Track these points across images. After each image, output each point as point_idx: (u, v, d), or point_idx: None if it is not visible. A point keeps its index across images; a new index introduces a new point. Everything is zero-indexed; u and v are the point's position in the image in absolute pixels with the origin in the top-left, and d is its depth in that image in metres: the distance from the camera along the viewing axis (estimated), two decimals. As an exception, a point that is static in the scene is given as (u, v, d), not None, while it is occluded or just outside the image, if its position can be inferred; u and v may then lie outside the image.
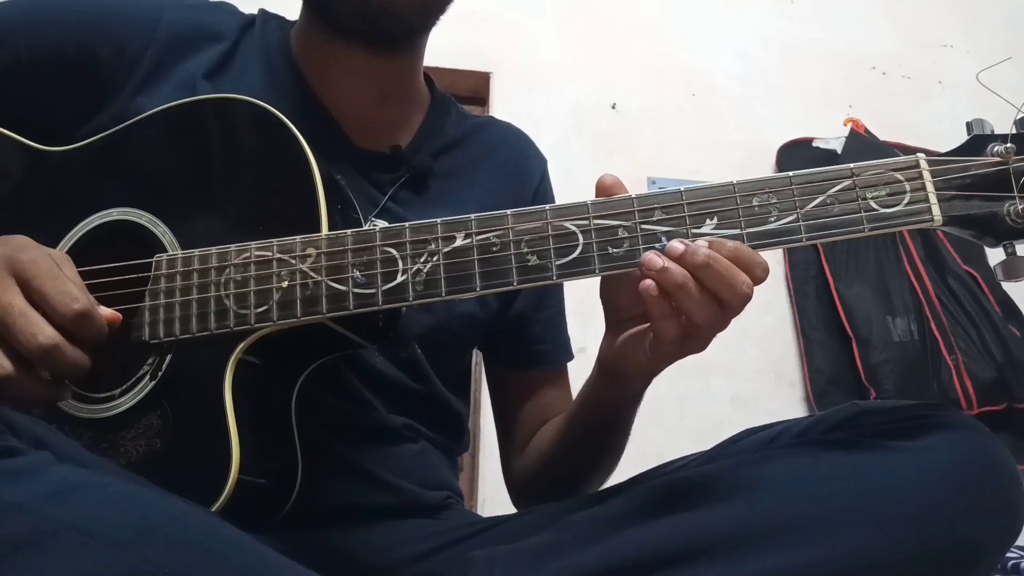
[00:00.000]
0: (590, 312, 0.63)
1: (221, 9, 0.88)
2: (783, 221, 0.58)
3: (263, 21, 0.88)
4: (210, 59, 0.81)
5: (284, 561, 0.49)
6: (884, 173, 0.59)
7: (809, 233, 0.58)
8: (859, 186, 0.58)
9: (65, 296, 0.58)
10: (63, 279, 0.59)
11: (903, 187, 0.58)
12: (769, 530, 0.55)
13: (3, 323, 0.57)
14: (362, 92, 0.84)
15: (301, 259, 0.63)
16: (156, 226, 0.68)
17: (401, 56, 0.85)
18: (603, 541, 0.59)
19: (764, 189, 0.59)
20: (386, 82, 0.85)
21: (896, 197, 0.58)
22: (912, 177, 0.59)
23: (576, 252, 0.61)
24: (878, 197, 0.58)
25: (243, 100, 0.69)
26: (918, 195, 0.58)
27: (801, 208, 0.58)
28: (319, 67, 0.83)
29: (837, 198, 0.58)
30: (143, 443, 0.63)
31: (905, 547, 0.54)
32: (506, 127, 1.02)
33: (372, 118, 0.85)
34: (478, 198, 0.86)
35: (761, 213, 0.59)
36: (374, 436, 0.80)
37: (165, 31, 0.80)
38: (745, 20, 2.76)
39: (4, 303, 0.57)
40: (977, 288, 2.36)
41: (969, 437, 0.58)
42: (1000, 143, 0.58)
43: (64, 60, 0.78)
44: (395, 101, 0.87)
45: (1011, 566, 1.29)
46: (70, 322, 0.58)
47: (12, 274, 0.58)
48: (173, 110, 0.71)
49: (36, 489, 0.45)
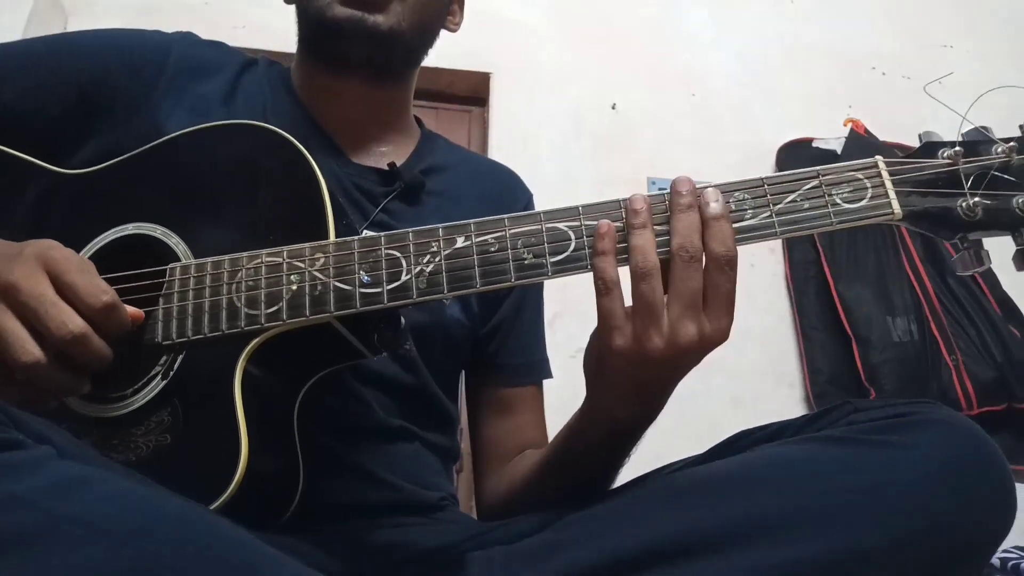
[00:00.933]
0: (590, 312, 0.63)
1: (222, 47, 0.95)
2: (758, 217, 0.64)
3: (266, 63, 0.95)
4: (219, 87, 0.88)
5: (283, 558, 0.50)
6: (846, 173, 0.65)
7: (782, 228, 0.64)
8: (825, 184, 0.64)
9: (95, 287, 0.61)
10: (93, 273, 0.63)
11: (864, 184, 0.64)
12: (766, 526, 0.56)
13: (36, 312, 0.59)
14: (358, 118, 0.92)
15: (311, 263, 0.66)
16: (170, 238, 0.71)
17: (393, 87, 0.93)
18: (601, 539, 0.60)
19: (739, 188, 0.65)
20: (380, 111, 0.93)
21: (859, 193, 0.64)
22: (871, 175, 0.65)
23: (569, 250, 0.64)
24: (842, 194, 0.64)
25: (254, 124, 0.74)
26: (878, 191, 0.64)
27: (774, 205, 0.64)
28: (318, 97, 0.91)
29: (806, 196, 0.64)
30: (153, 439, 0.64)
31: (899, 541, 0.55)
32: (493, 162, 1.10)
33: (368, 141, 0.92)
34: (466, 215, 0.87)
35: (738, 210, 0.64)
36: (371, 436, 0.81)
37: (175, 61, 0.87)
38: (745, 20, 2.76)
39: (37, 293, 0.59)
40: (977, 288, 2.36)
41: (961, 433, 0.60)
42: (949, 148, 0.65)
43: (82, 88, 0.83)
44: (388, 127, 0.95)
45: (1011, 566, 1.29)
46: (98, 312, 0.61)
47: (44, 269, 0.61)
48: (188, 135, 0.76)
49: (37, 483, 0.46)
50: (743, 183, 0.65)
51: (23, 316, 0.59)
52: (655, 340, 0.60)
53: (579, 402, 0.72)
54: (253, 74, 0.92)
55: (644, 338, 0.60)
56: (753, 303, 2.38)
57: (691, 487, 0.62)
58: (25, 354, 0.58)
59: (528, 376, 0.97)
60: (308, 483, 0.69)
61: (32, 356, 0.58)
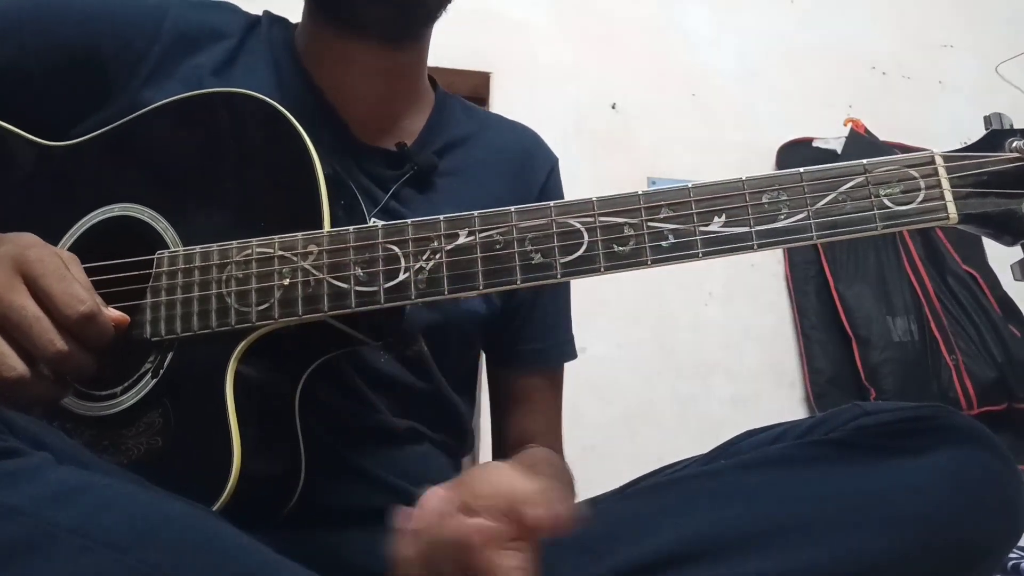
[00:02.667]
0: (590, 312, 0.62)
1: (225, 8, 0.88)
2: (793, 219, 0.57)
3: (268, 22, 0.87)
4: (216, 56, 0.81)
5: (285, 562, 0.49)
6: (898, 170, 0.57)
7: (820, 231, 0.56)
8: (872, 183, 0.57)
9: (71, 298, 0.58)
10: (70, 280, 0.59)
11: (918, 184, 0.57)
12: (771, 531, 0.55)
13: (18, 327, 0.57)
14: (369, 89, 0.83)
15: (303, 256, 0.63)
16: (157, 222, 0.68)
17: (410, 49, 0.85)
18: (603, 545, 0.59)
19: (774, 185, 0.58)
20: (394, 78, 0.85)
21: (910, 195, 0.57)
22: (927, 174, 0.57)
23: (581, 250, 0.60)
24: (892, 195, 0.57)
25: (245, 94, 0.69)
26: (933, 192, 0.56)
27: (812, 205, 0.57)
28: (325, 65, 0.83)
29: (849, 195, 0.57)
30: (144, 441, 0.62)
31: (905, 548, 0.54)
32: (513, 125, 1.00)
33: (378, 115, 0.84)
34: (481, 197, 0.85)
35: (771, 211, 0.57)
36: (378, 438, 0.79)
37: (170, 28, 0.80)
38: (745, 20, 2.76)
39: (17, 305, 0.57)
40: (977, 288, 2.36)
41: (970, 439, 0.58)
42: (1019, 138, 0.57)
43: (70, 56, 0.78)
44: (401, 98, 0.87)
45: (1011, 567, 1.28)
46: (75, 324, 0.58)
47: (20, 274, 0.58)
48: (176, 104, 0.71)
49: (36, 491, 0.45)
50: (779, 177, 0.58)
51: (2, 328, 0.57)
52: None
53: (579, 402, 0.72)
54: (255, 38, 0.84)
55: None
56: (753, 303, 2.38)
57: (694, 492, 0.61)
58: (8, 370, 0.56)
59: (549, 360, 0.93)
60: (312, 485, 0.67)
61: (16, 372, 0.56)
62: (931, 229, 2.45)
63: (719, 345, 2.30)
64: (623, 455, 2.04)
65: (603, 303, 2.16)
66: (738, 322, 2.34)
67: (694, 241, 0.58)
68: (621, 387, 2.20)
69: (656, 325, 2.29)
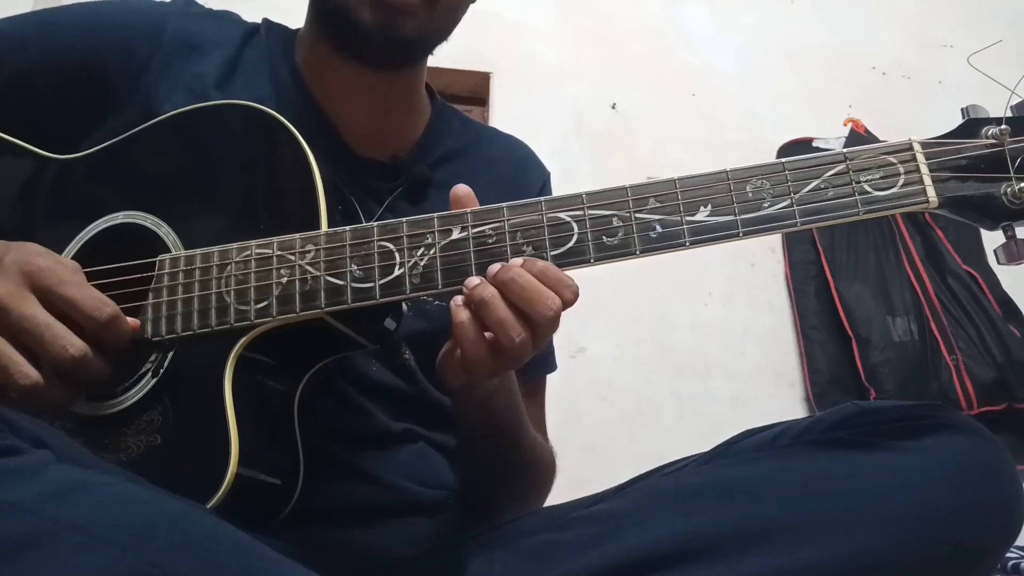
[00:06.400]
0: (589, 312, 0.63)
1: (224, 18, 0.89)
2: (777, 207, 0.59)
3: (267, 30, 0.88)
4: (216, 66, 0.82)
5: (284, 561, 0.49)
6: (877, 156, 0.59)
7: (804, 218, 0.58)
8: (853, 170, 0.59)
9: (96, 301, 0.59)
10: (88, 286, 0.60)
11: (897, 169, 0.59)
12: (768, 530, 0.55)
13: (30, 335, 0.57)
14: (366, 105, 0.85)
15: (300, 255, 0.64)
16: (160, 227, 0.69)
17: (406, 72, 0.86)
18: (602, 542, 0.59)
19: (757, 175, 0.60)
20: (390, 96, 0.86)
21: (890, 179, 0.59)
22: (906, 159, 0.59)
23: (571, 242, 0.61)
24: (872, 180, 0.59)
25: (243, 104, 0.71)
26: (912, 176, 0.58)
27: (795, 193, 0.59)
28: (323, 79, 0.84)
29: (831, 182, 0.59)
30: (144, 439, 0.63)
31: (904, 547, 0.54)
32: (508, 139, 1.02)
33: (373, 128, 0.86)
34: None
35: (755, 199, 0.59)
36: (374, 441, 0.80)
37: (171, 38, 0.81)
38: (745, 20, 2.76)
39: (28, 314, 0.57)
40: (977, 288, 2.36)
41: (968, 438, 0.58)
42: (994, 126, 0.59)
43: (74, 70, 0.79)
44: (397, 111, 0.88)
45: (1011, 566, 1.28)
46: (102, 327, 0.59)
47: (28, 283, 0.59)
48: (177, 117, 0.72)
49: (36, 489, 0.45)
50: (762, 167, 0.60)
51: (14, 337, 0.57)
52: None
53: (579, 401, 0.72)
54: (254, 47, 0.85)
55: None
56: (753, 303, 2.38)
57: (695, 490, 0.61)
58: (23, 377, 0.57)
59: (520, 375, 0.93)
60: (312, 486, 0.67)
61: (30, 380, 0.57)
62: (930, 229, 2.46)
63: (719, 345, 2.30)
64: (623, 455, 2.04)
65: (602, 303, 2.16)
66: (738, 322, 2.35)
67: (681, 231, 0.60)
68: (621, 387, 2.21)
69: (656, 325, 2.29)
